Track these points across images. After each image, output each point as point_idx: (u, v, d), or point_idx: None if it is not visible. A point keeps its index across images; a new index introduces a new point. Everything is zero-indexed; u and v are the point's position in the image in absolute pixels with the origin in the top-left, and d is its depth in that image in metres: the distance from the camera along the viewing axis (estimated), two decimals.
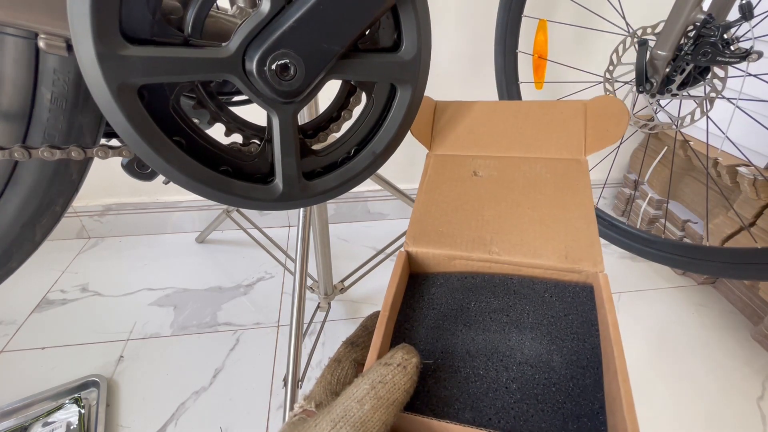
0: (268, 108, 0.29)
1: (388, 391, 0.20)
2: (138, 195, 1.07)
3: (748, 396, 0.75)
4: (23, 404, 0.67)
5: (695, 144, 0.91)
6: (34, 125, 0.36)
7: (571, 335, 0.27)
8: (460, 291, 0.30)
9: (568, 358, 0.25)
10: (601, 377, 0.25)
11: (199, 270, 1.01)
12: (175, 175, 0.28)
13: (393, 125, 0.33)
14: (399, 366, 0.21)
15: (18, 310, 0.88)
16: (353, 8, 0.26)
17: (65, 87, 0.35)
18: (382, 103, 0.33)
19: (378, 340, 0.24)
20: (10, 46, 0.33)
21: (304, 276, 0.61)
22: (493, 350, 0.26)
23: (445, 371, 0.25)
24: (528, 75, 0.86)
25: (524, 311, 0.28)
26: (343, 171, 0.33)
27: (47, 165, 0.38)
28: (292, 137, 0.30)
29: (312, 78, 0.27)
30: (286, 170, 0.30)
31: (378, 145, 0.33)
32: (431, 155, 0.37)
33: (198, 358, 0.79)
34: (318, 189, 0.32)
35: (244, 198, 0.30)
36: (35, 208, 0.40)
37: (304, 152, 0.32)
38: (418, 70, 0.31)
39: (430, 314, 0.28)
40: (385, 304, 0.26)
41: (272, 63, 0.25)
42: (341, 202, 1.16)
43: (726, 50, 0.56)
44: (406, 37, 0.31)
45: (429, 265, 0.31)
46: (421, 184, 0.35)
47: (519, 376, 0.25)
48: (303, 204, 0.33)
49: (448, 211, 0.32)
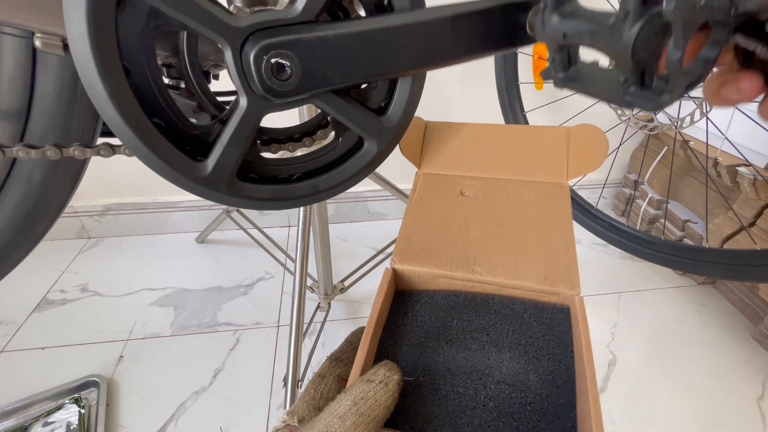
0: (243, 91, 0.27)
1: (370, 407, 0.21)
2: (138, 195, 1.08)
3: (748, 396, 0.75)
4: (23, 404, 0.67)
5: (695, 144, 0.91)
6: (31, 124, 0.36)
7: (547, 355, 0.28)
8: (443, 309, 0.31)
9: (544, 378, 0.26)
10: (574, 397, 0.25)
11: (199, 270, 1.01)
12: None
13: (345, 173, 0.33)
14: (381, 383, 0.22)
15: (18, 310, 0.88)
16: (370, 60, 0.26)
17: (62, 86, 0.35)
18: (345, 149, 0.33)
19: (362, 357, 0.24)
20: (7, 45, 0.33)
21: (304, 276, 0.61)
22: (473, 368, 0.27)
23: (426, 388, 0.26)
24: (528, 75, 0.86)
25: (504, 331, 0.29)
26: (278, 189, 0.32)
27: (44, 164, 0.38)
28: (249, 132, 0.28)
29: (299, 91, 0.26)
30: (224, 158, 0.28)
31: (323, 183, 0.33)
32: (420, 174, 0.39)
33: (198, 358, 0.79)
34: (245, 192, 0.31)
35: (164, 161, 0.27)
36: (32, 206, 0.40)
37: (252, 153, 0.31)
38: (391, 138, 0.32)
39: (414, 331, 0.29)
40: (370, 321, 0.27)
41: (273, 58, 0.25)
42: (341, 202, 1.16)
43: None
44: (393, 107, 0.31)
45: (414, 282, 0.32)
46: (410, 201, 0.36)
47: (497, 394, 0.25)
48: (221, 199, 0.30)
49: (434, 229, 0.33)
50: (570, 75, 0.26)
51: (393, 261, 0.31)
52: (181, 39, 0.33)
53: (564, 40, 0.24)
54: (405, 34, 0.26)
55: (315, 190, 0.32)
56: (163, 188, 1.08)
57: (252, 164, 0.31)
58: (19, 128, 0.36)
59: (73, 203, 1.05)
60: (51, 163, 0.38)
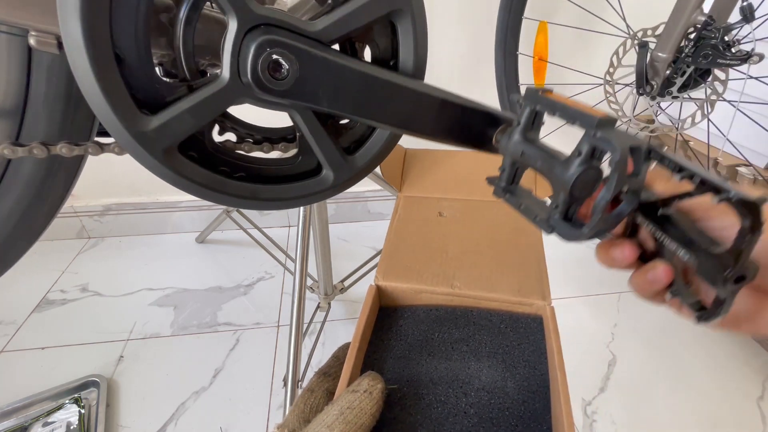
0: (229, 70, 0.27)
1: (356, 416, 0.22)
2: (138, 195, 1.07)
3: (748, 396, 0.75)
4: (23, 404, 0.67)
5: (695, 144, 0.91)
6: (26, 122, 0.36)
7: (523, 363, 0.30)
8: (425, 323, 0.32)
9: (521, 384, 0.28)
10: (549, 401, 0.27)
11: (199, 270, 1.01)
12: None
13: (291, 192, 0.32)
14: (365, 392, 0.23)
15: (18, 310, 0.88)
16: (361, 100, 0.28)
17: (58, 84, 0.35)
18: (301, 169, 0.33)
19: (348, 370, 0.26)
20: (1, 44, 0.33)
21: (304, 276, 0.61)
22: (454, 378, 0.29)
23: (410, 398, 0.27)
24: (529, 77, 0.86)
25: (482, 341, 0.31)
26: (215, 178, 0.31)
27: (40, 163, 0.38)
28: (215, 109, 0.28)
29: (285, 95, 0.27)
30: (175, 122, 0.28)
31: (264, 193, 0.32)
32: (401, 197, 0.42)
33: (198, 358, 0.79)
34: (178, 167, 0.30)
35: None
36: (28, 206, 0.40)
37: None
38: (349, 178, 0.32)
39: (398, 345, 0.31)
40: (355, 336, 0.28)
41: (276, 54, 0.25)
42: (341, 202, 1.16)
43: (727, 52, 0.56)
44: (363, 152, 0.32)
45: (397, 298, 0.34)
46: (392, 222, 0.39)
47: (477, 401, 0.27)
48: (148, 163, 0.29)
49: (415, 248, 0.36)
50: (511, 188, 0.31)
51: (377, 278, 0.33)
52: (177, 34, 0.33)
53: (520, 157, 0.28)
54: (399, 93, 0.28)
55: (253, 195, 0.30)
56: (163, 188, 1.08)
57: (199, 143, 0.30)
58: (14, 127, 0.36)
59: (73, 203, 1.05)
60: (47, 162, 0.38)
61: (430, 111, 0.30)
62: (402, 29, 0.30)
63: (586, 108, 0.24)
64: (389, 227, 0.38)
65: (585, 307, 0.93)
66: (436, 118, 0.30)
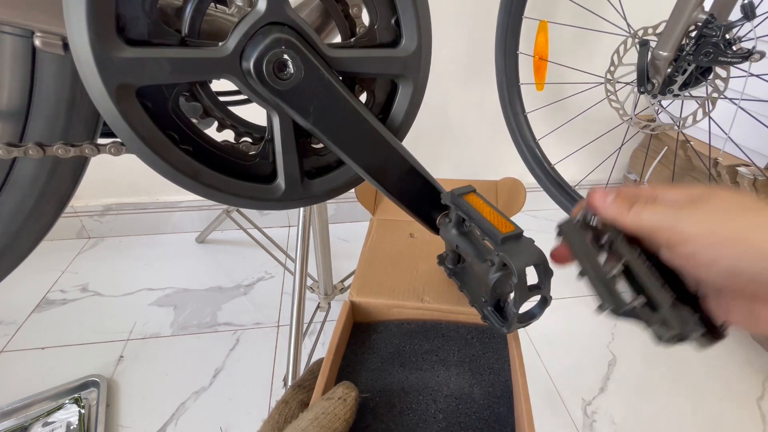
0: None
1: (330, 420, 0.23)
2: (138, 195, 1.07)
3: (748, 396, 0.75)
4: (23, 404, 0.67)
5: (695, 144, 0.91)
6: (31, 123, 0.36)
7: (488, 370, 0.32)
8: (397, 336, 0.34)
9: (486, 390, 0.30)
10: (512, 405, 0.29)
11: (199, 270, 1.01)
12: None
13: (231, 187, 0.31)
14: (340, 399, 0.24)
15: (18, 310, 0.88)
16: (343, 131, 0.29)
17: (62, 85, 0.35)
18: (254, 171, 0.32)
19: (322, 382, 0.27)
20: (7, 44, 0.33)
21: (304, 276, 0.61)
22: (424, 386, 0.30)
23: (382, 407, 0.29)
24: (529, 76, 0.85)
25: (450, 351, 0.33)
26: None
27: (44, 164, 0.38)
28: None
29: (276, 94, 0.27)
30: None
31: (205, 176, 0.30)
32: (374, 219, 0.45)
33: (198, 358, 0.79)
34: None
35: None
36: (31, 208, 0.40)
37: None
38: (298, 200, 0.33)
39: (371, 358, 0.33)
40: (330, 349, 0.30)
41: (287, 55, 0.25)
42: (341, 202, 1.16)
43: (728, 50, 0.56)
44: (322, 182, 0.33)
45: (371, 313, 0.36)
46: (365, 243, 0.41)
47: (445, 407, 0.29)
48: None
49: (387, 266, 0.38)
50: (456, 270, 0.35)
51: (351, 294, 0.35)
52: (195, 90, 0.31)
53: (455, 248, 0.32)
54: (379, 142, 0.30)
55: (193, 174, 0.29)
56: (163, 188, 1.08)
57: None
58: (18, 128, 0.36)
59: (73, 203, 1.05)
60: (50, 164, 0.38)
61: (398, 171, 0.32)
62: (402, 92, 0.32)
63: (498, 219, 0.28)
64: (363, 247, 0.41)
65: (585, 307, 0.92)
66: (400, 179, 0.32)
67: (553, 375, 0.78)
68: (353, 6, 0.31)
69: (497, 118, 0.93)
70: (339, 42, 0.31)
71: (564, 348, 0.84)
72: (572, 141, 1.03)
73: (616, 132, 0.92)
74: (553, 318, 0.89)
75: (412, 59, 0.31)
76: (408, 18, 0.30)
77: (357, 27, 0.31)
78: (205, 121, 0.33)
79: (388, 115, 0.33)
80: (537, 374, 0.79)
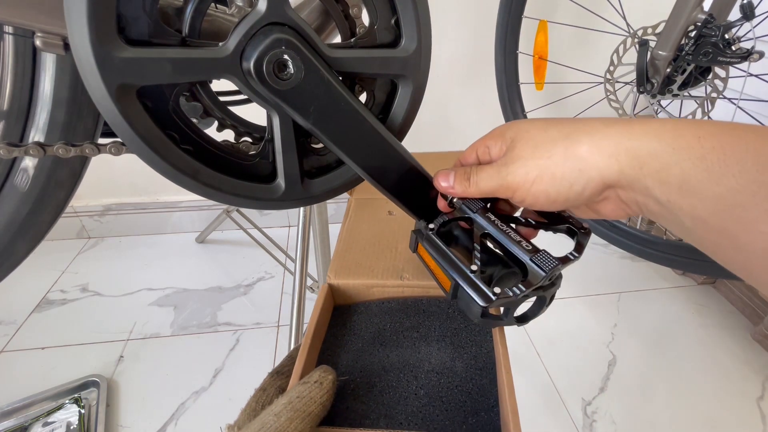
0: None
1: (305, 404, 0.23)
2: (138, 195, 1.07)
3: (748, 396, 0.75)
4: (23, 404, 0.67)
5: None
6: (32, 123, 0.36)
7: (470, 342, 0.31)
8: (377, 316, 0.34)
9: (468, 363, 0.30)
10: (495, 376, 0.29)
11: (199, 270, 1.01)
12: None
13: (228, 186, 0.31)
14: (316, 383, 0.24)
15: (18, 310, 0.88)
16: (342, 130, 0.29)
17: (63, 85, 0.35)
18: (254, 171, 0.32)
19: (299, 367, 0.27)
20: (8, 44, 0.33)
21: (304, 276, 0.61)
22: (405, 363, 0.30)
23: (362, 388, 0.28)
24: (529, 76, 0.86)
25: (432, 327, 0.33)
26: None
27: (44, 165, 0.38)
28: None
29: (276, 94, 0.27)
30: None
31: (204, 175, 0.30)
32: (352, 199, 0.44)
33: (198, 358, 0.79)
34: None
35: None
36: (31, 209, 0.40)
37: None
38: (297, 200, 0.32)
39: (351, 340, 0.32)
40: (307, 334, 0.29)
41: (287, 55, 0.26)
42: (341, 202, 1.16)
43: (727, 50, 0.56)
44: (321, 182, 0.33)
45: (351, 295, 0.35)
46: (343, 223, 0.40)
47: (426, 383, 0.29)
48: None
49: (366, 246, 0.37)
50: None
51: (329, 277, 0.35)
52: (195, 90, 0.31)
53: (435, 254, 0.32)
54: (379, 142, 0.30)
55: (193, 173, 0.29)
56: (163, 188, 1.08)
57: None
58: (19, 127, 0.36)
59: (73, 203, 1.05)
60: (50, 164, 0.38)
61: (398, 171, 0.32)
62: (402, 92, 0.32)
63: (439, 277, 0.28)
64: (341, 228, 0.40)
65: (585, 307, 0.92)
66: (400, 179, 0.32)
67: (553, 375, 0.78)
68: (353, 6, 0.31)
69: (497, 118, 0.93)
70: (339, 42, 0.31)
71: (564, 348, 0.84)
72: None
73: None
74: (553, 318, 0.89)
75: (412, 59, 0.31)
76: (408, 18, 0.30)
77: (357, 27, 0.31)
78: (206, 120, 0.33)
79: (388, 115, 0.33)
80: (537, 374, 0.79)
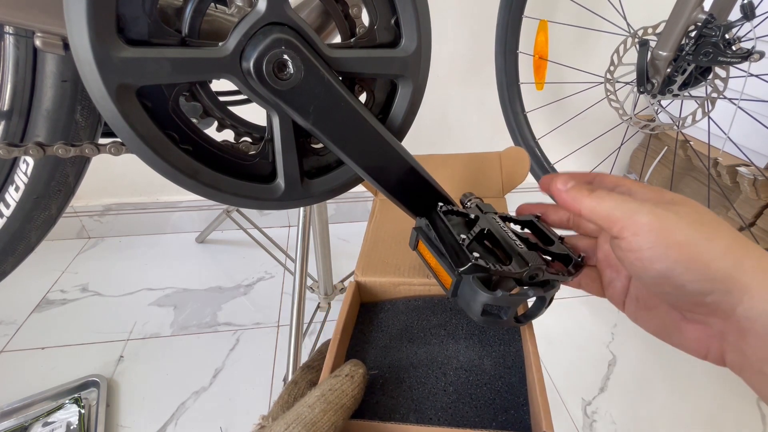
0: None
1: (337, 396, 0.23)
2: (138, 195, 1.07)
3: (748, 396, 0.75)
4: (23, 404, 0.67)
5: (695, 144, 0.91)
6: (32, 123, 0.36)
7: (498, 341, 0.31)
8: (404, 313, 0.34)
9: (497, 361, 0.30)
10: (524, 374, 0.29)
11: (199, 270, 1.01)
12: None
13: (229, 186, 0.32)
14: (347, 376, 0.24)
15: (18, 310, 0.88)
16: (342, 130, 0.29)
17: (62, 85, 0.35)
18: (254, 170, 0.32)
19: (330, 361, 0.27)
20: (8, 45, 0.33)
21: (304, 276, 0.61)
22: (433, 360, 0.30)
23: (391, 383, 0.29)
24: (529, 75, 0.85)
25: (459, 324, 0.33)
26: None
27: (44, 165, 0.38)
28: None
29: (275, 94, 0.27)
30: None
31: (204, 175, 0.30)
32: (377, 200, 0.44)
33: (198, 358, 0.79)
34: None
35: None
36: (31, 209, 0.40)
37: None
38: (296, 200, 0.33)
39: (379, 336, 0.32)
40: (336, 330, 0.30)
41: (287, 55, 0.25)
42: (341, 202, 1.16)
43: (727, 50, 0.56)
44: (320, 182, 0.33)
45: (377, 293, 0.35)
46: (369, 223, 0.41)
47: (455, 380, 0.29)
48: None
49: (392, 244, 0.38)
50: None
51: (356, 275, 0.35)
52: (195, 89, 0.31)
53: None
54: (379, 142, 0.30)
55: (192, 173, 0.29)
56: (163, 188, 1.08)
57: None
58: (20, 128, 0.36)
59: (73, 203, 1.05)
60: (50, 164, 0.38)
61: (398, 171, 0.32)
62: (402, 92, 0.32)
63: None
64: (367, 227, 0.40)
65: (585, 307, 0.92)
66: (400, 180, 0.32)
67: (553, 375, 0.78)
68: (353, 6, 0.31)
69: (497, 118, 0.93)
70: (339, 42, 0.31)
71: (564, 348, 0.84)
72: (572, 140, 1.03)
73: (615, 132, 0.92)
74: (553, 318, 0.89)
75: (412, 59, 0.31)
76: (408, 18, 0.30)
77: (357, 27, 0.31)
78: (205, 121, 0.33)
79: (387, 115, 0.33)
80: None
